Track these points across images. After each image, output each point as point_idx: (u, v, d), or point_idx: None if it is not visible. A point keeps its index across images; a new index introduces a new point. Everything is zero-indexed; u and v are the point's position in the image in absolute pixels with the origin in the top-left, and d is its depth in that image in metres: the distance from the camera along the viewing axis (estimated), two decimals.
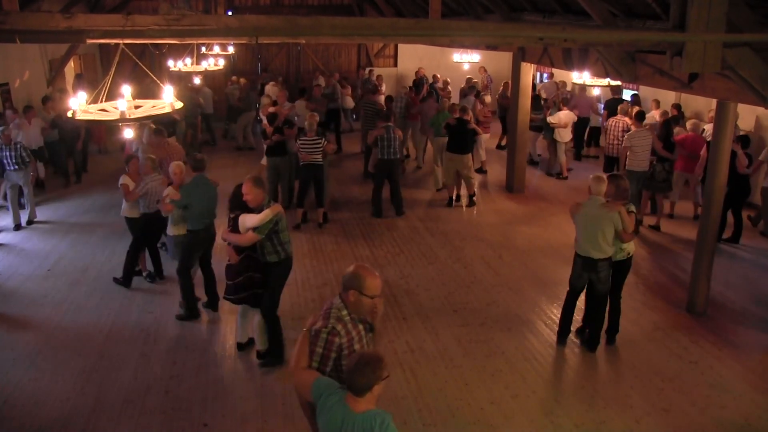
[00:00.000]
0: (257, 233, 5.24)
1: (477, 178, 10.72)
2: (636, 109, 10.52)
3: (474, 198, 10.56)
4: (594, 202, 5.64)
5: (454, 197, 10.46)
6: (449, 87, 15.23)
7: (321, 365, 3.17)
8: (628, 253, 5.83)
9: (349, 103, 16.07)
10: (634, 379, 5.49)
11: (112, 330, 6.29)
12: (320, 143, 8.90)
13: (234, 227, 5.42)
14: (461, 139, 9.96)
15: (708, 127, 9.58)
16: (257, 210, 5.29)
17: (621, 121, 10.30)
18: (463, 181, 10.39)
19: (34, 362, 5.70)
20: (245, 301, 5.65)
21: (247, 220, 5.29)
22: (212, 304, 6.65)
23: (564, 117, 11.70)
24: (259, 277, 5.58)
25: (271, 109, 10.52)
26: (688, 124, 9.47)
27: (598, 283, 5.77)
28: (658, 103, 11.85)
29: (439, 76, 16.09)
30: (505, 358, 5.83)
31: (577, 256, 5.83)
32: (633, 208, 5.75)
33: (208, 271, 6.70)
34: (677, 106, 10.83)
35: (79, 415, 4.97)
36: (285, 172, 9.82)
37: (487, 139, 12.60)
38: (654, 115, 11.13)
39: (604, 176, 5.77)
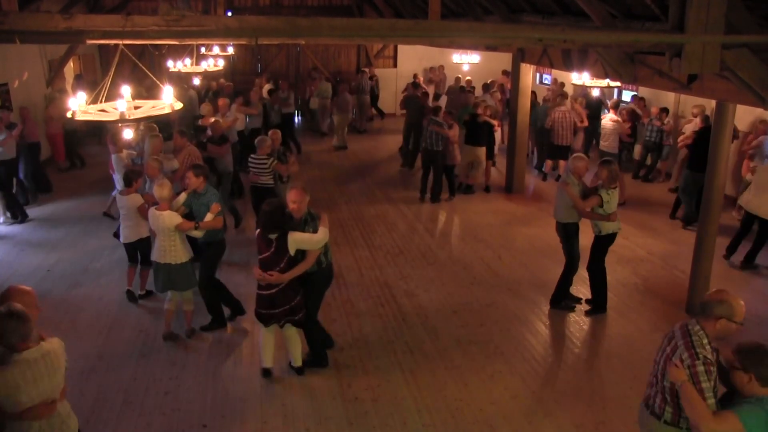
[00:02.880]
0: (321, 247, 5.11)
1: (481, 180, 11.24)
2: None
3: (472, 188, 11.11)
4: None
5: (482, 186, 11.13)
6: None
7: (714, 395, 3.22)
8: (600, 231, 6.44)
9: (313, 103, 16.01)
10: (633, 380, 5.49)
11: (112, 331, 6.29)
12: (267, 163, 7.82)
13: (279, 252, 4.97)
14: (474, 132, 10.71)
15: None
16: (301, 220, 5.07)
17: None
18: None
19: None
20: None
21: (306, 237, 4.97)
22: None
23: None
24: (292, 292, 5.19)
25: (202, 121, 10.41)
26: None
27: None
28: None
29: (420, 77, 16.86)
30: (504, 358, 5.84)
31: None
32: (603, 191, 6.21)
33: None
34: (641, 98, 12.19)
35: (78, 415, 4.89)
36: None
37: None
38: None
39: (582, 156, 6.65)
